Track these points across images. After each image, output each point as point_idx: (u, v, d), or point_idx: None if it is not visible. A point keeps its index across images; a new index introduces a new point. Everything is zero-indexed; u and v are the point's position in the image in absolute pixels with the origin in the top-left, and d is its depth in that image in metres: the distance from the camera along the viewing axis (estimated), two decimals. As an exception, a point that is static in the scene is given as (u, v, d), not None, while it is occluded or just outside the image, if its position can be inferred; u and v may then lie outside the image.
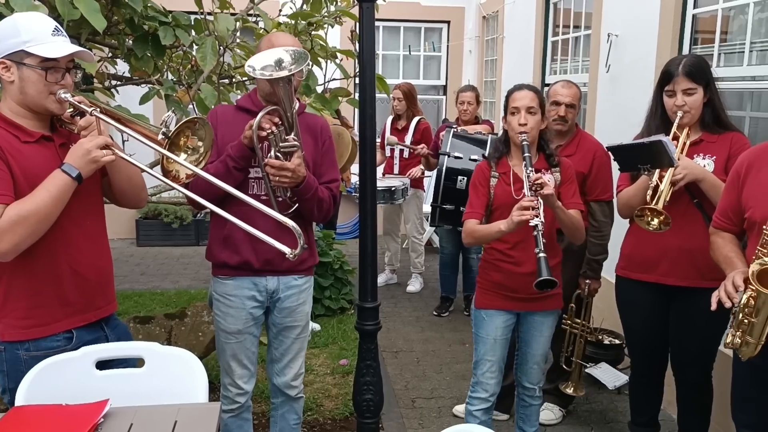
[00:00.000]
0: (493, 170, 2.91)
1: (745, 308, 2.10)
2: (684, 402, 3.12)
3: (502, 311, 2.92)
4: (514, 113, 2.82)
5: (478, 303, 2.97)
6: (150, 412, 1.87)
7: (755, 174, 2.29)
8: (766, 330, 2.09)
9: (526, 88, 2.87)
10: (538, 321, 2.97)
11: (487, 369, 2.97)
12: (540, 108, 2.84)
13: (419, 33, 8.69)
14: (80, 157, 2.01)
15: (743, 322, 2.13)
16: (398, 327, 5.28)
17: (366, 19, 2.62)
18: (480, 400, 3.00)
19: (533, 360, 3.02)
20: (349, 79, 3.59)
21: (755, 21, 3.43)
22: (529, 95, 2.82)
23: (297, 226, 2.06)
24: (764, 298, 2.04)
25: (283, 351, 2.84)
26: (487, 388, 2.98)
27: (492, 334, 2.93)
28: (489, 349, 2.95)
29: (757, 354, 2.15)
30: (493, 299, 2.93)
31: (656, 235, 2.72)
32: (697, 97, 2.78)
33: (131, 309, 5.38)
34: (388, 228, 6.34)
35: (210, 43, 2.89)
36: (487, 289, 2.95)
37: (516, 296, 2.89)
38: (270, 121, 2.49)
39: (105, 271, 2.28)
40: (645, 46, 4.15)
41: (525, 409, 3.13)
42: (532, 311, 2.93)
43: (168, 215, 7.71)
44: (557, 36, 6.04)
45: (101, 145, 2.03)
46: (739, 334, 2.15)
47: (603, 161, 3.45)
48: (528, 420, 3.14)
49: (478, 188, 2.92)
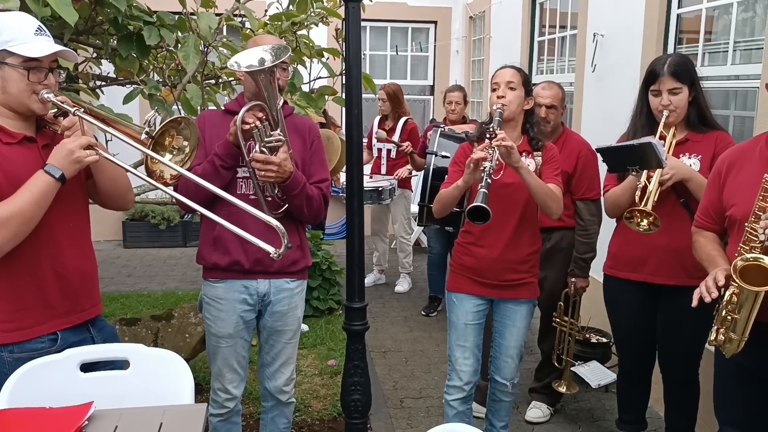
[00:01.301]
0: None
1: (729, 305, 2.12)
2: (671, 399, 3.13)
3: (473, 296, 2.92)
4: (494, 89, 2.84)
5: (449, 285, 3.00)
6: (135, 414, 1.86)
7: (736, 173, 2.31)
8: (749, 326, 2.11)
9: (509, 66, 2.89)
10: (511, 310, 2.95)
11: (460, 355, 2.96)
12: (523, 86, 2.83)
13: (406, 33, 8.70)
14: (63, 157, 1.99)
15: (726, 319, 2.15)
16: (386, 327, 5.27)
17: (352, 19, 2.62)
18: (456, 389, 2.98)
19: (506, 353, 2.99)
20: (335, 78, 3.58)
21: (739, 21, 3.46)
22: (509, 71, 2.84)
23: (281, 225, 2.05)
24: (747, 294, 2.06)
25: (275, 355, 2.82)
26: (461, 375, 2.96)
27: (462, 319, 2.93)
28: (461, 334, 2.95)
29: (740, 351, 2.16)
30: (463, 283, 2.93)
31: (643, 234, 2.74)
32: (683, 97, 2.80)
33: (118, 311, 5.35)
34: (376, 228, 6.34)
35: (192, 42, 2.87)
36: (458, 272, 2.96)
37: (487, 282, 2.89)
38: (253, 115, 2.48)
39: (89, 273, 2.25)
40: (630, 45, 4.17)
41: (495, 403, 3.12)
42: (504, 299, 2.93)
43: (155, 216, 7.66)
44: (543, 36, 6.06)
45: (84, 145, 2.01)
46: (723, 330, 2.17)
47: (588, 160, 3.46)
48: (497, 414, 3.13)
49: (458, 165, 2.88)
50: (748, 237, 2.11)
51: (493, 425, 3.15)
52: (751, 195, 2.16)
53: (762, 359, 2.22)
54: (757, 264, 2.04)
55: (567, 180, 3.48)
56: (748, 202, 2.16)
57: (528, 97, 2.87)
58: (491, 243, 2.84)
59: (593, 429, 3.70)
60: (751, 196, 2.15)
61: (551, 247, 3.56)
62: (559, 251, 3.57)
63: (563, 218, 3.50)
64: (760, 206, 2.09)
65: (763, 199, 2.09)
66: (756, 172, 2.21)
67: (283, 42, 2.81)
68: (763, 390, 2.31)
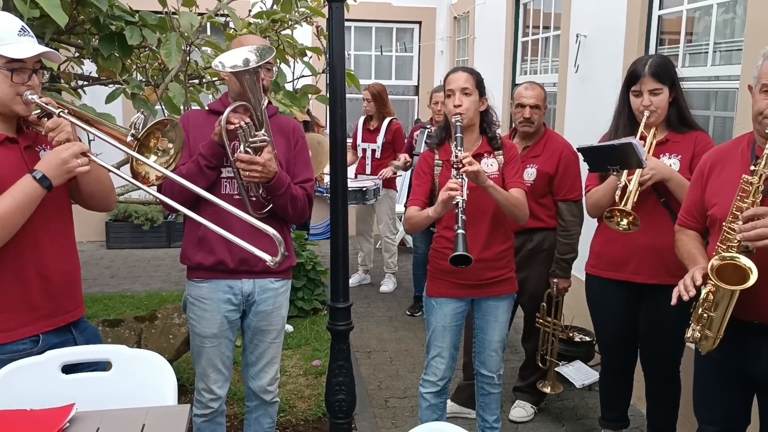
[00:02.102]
0: (436, 158, 2.92)
1: (705, 303, 2.15)
2: (653, 397, 3.16)
3: (452, 299, 2.95)
4: (449, 95, 2.85)
5: (429, 291, 3.01)
6: (117, 416, 1.85)
7: (718, 172, 2.34)
8: (724, 324, 2.13)
9: (461, 69, 2.89)
10: (492, 306, 2.99)
11: (436, 354, 3.01)
12: (477, 89, 2.84)
13: (391, 33, 8.70)
14: (56, 166, 1.97)
15: (703, 317, 2.18)
16: (371, 327, 5.28)
17: (336, 19, 2.62)
18: (430, 383, 3.05)
19: (490, 347, 3.03)
20: (317, 77, 3.58)
21: (719, 22, 3.50)
22: (463, 76, 2.84)
23: (277, 233, 2.05)
24: (723, 292, 2.08)
25: (259, 355, 2.82)
26: (436, 372, 3.03)
27: (441, 322, 2.97)
28: (438, 335, 2.99)
29: (715, 348, 2.19)
30: (442, 287, 2.95)
31: (625, 233, 2.76)
32: (663, 97, 2.83)
33: (101, 312, 5.31)
34: (361, 228, 6.34)
35: (174, 40, 2.85)
36: (436, 277, 2.97)
37: (466, 283, 2.91)
38: (238, 116, 2.48)
39: (72, 274, 2.24)
40: (612, 46, 4.20)
41: (484, 397, 3.15)
42: (485, 297, 2.95)
43: (138, 217, 7.62)
44: (527, 36, 6.09)
45: (78, 154, 1.98)
46: (699, 328, 2.20)
47: (570, 161, 3.48)
48: (488, 408, 3.16)
49: (421, 176, 2.94)
50: (725, 236, 2.15)
51: (485, 420, 3.17)
52: (730, 195, 2.18)
53: (740, 356, 2.25)
54: (733, 263, 2.07)
55: (548, 181, 3.51)
56: (729, 202, 2.19)
57: (482, 97, 2.88)
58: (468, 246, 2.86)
59: (577, 427, 3.73)
60: (731, 196, 2.18)
61: (533, 247, 3.58)
62: (541, 252, 3.59)
63: (545, 219, 3.54)
64: (737, 206, 2.12)
65: (741, 199, 2.11)
66: (737, 173, 2.24)
67: (267, 42, 2.80)
68: (742, 388, 2.35)
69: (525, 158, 3.56)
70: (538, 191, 3.49)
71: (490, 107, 2.96)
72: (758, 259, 2.05)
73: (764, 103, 2.13)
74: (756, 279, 2.00)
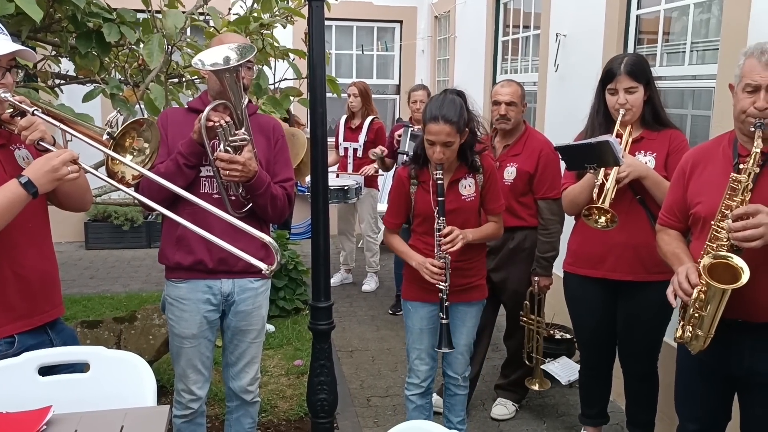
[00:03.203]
0: (413, 178, 2.93)
1: (696, 302, 2.15)
2: (631, 393, 3.20)
3: (427, 303, 2.97)
4: (432, 144, 2.75)
5: (405, 294, 3.08)
6: (95, 418, 1.83)
7: (700, 171, 2.36)
8: (715, 323, 2.14)
9: (442, 119, 2.70)
10: (461, 311, 3.02)
11: (416, 356, 3.05)
12: (459, 134, 2.75)
13: (372, 32, 8.70)
14: (44, 173, 1.93)
15: (694, 316, 2.18)
16: (353, 326, 5.27)
17: (316, 19, 2.61)
18: (414, 386, 3.09)
19: (458, 350, 3.05)
20: (301, 80, 3.56)
21: (696, 22, 3.54)
22: (445, 129, 2.70)
23: (274, 242, 2.04)
24: (714, 291, 2.09)
25: (239, 355, 2.81)
26: (418, 374, 3.06)
27: (418, 325, 3.01)
28: (416, 338, 3.04)
29: (705, 347, 2.20)
30: (417, 292, 2.98)
31: (602, 231, 2.78)
32: (639, 95, 2.85)
33: (80, 314, 5.25)
34: (343, 227, 6.34)
35: (157, 40, 2.83)
36: (412, 281, 3.00)
37: (438, 289, 2.89)
38: (218, 114, 2.46)
39: (49, 274, 2.21)
40: (592, 45, 4.23)
41: (451, 398, 3.18)
42: (455, 302, 2.96)
43: (118, 217, 7.54)
44: (508, 36, 6.12)
45: (67, 161, 1.95)
46: (690, 328, 2.20)
47: (549, 159, 3.49)
48: (453, 409, 3.18)
49: (396, 198, 2.99)
50: (714, 235, 2.15)
51: (450, 421, 3.19)
52: (714, 193, 2.20)
53: (723, 354, 2.26)
54: (725, 262, 2.08)
55: (528, 180, 3.52)
56: (712, 201, 2.20)
57: (463, 131, 2.79)
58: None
59: (558, 424, 3.75)
60: (715, 194, 2.19)
61: (514, 246, 3.60)
62: (522, 251, 3.61)
63: (526, 218, 3.55)
64: (726, 204, 2.13)
65: (729, 197, 2.13)
66: (719, 171, 2.26)
67: (248, 41, 2.79)
68: (724, 386, 2.37)
69: (505, 157, 3.57)
70: (518, 190, 3.51)
71: (474, 127, 2.87)
72: (746, 258, 2.06)
73: (747, 102, 2.15)
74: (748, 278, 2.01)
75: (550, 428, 3.71)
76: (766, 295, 2.15)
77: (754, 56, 2.13)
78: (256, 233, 2.05)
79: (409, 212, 2.98)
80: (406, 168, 2.99)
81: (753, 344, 2.23)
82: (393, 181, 3.04)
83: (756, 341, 2.23)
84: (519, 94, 3.56)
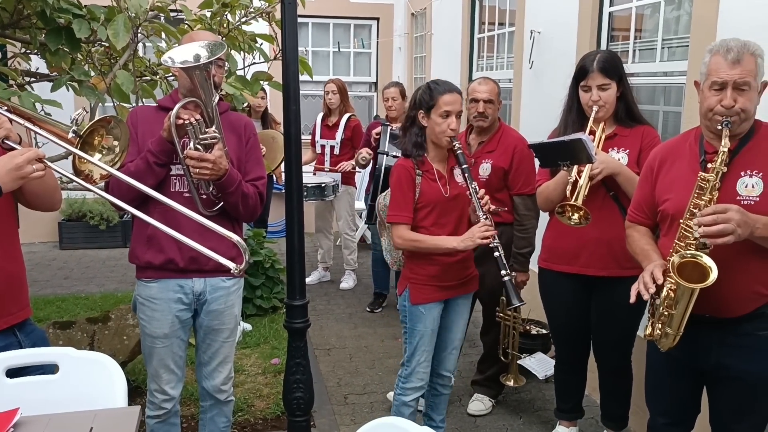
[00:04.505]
0: (416, 168, 2.88)
1: (665, 300, 2.17)
2: (605, 387, 3.23)
3: (438, 302, 2.95)
4: (447, 115, 2.79)
5: (415, 299, 2.92)
6: (64, 419, 1.81)
7: (668, 168, 2.38)
8: (684, 321, 2.17)
9: (456, 90, 2.85)
10: (461, 305, 3.03)
11: (424, 359, 2.99)
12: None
13: (348, 29, 8.68)
14: (7, 171, 1.89)
15: (663, 315, 2.20)
16: (331, 324, 5.26)
17: (288, 16, 2.60)
18: (415, 389, 3.02)
19: (452, 345, 3.05)
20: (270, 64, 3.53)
21: (667, 19, 3.57)
22: (459, 99, 2.83)
23: (242, 241, 2.03)
24: (683, 290, 2.11)
25: (212, 354, 2.79)
26: (422, 377, 3.01)
27: (430, 326, 2.95)
28: (427, 341, 2.96)
29: (675, 344, 2.23)
30: (429, 293, 2.92)
31: (576, 227, 2.80)
32: (612, 92, 2.88)
33: (53, 314, 5.18)
34: (320, 225, 6.32)
35: (122, 20, 2.76)
36: (422, 283, 2.92)
37: (449, 284, 2.94)
38: (188, 112, 2.44)
39: (16, 275, 2.17)
40: (565, 42, 4.26)
41: (436, 398, 3.17)
42: (456, 296, 2.98)
43: (93, 217, 7.45)
44: (483, 33, 6.14)
45: (32, 159, 1.91)
46: (659, 326, 2.22)
47: (523, 155, 3.51)
48: (437, 408, 3.18)
49: (405, 189, 2.85)
50: (683, 234, 2.17)
51: (433, 419, 3.18)
52: (681, 190, 2.22)
53: (691, 349, 2.30)
54: (693, 261, 2.10)
55: (503, 176, 3.54)
56: (680, 198, 2.23)
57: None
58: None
59: (534, 419, 3.77)
60: (682, 191, 2.21)
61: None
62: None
63: (502, 214, 3.55)
64: (695, 203, 2.15)
65: (698, 196, 2.14)
66: (686, 168, 2.29)
67: (219, 38, 2.76)
68: (693, 380, 2.40)
69: (480, 154, 3.59)
70: (493, 186, 3.52)
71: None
72: (714, 256, 2.08)
73: (714, 100, 2.16)
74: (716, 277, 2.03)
75: (527, 423, 3.73)
76: (733, 291, 2.18)
77: (720, 54, 2.14)
78: (225, 232, 2.03)
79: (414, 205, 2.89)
80: (407, 159, 2.89)
81: (720, 339, 2.26)
82: (393, 175, 2.91)
83: (723, 336, 2.26)
84: (496, 91, 3.59)
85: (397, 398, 3.07)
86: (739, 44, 2.13)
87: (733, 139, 2.19)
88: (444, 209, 2.87)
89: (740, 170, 2.20)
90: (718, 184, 2.13)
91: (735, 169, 2.19)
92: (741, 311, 2.22)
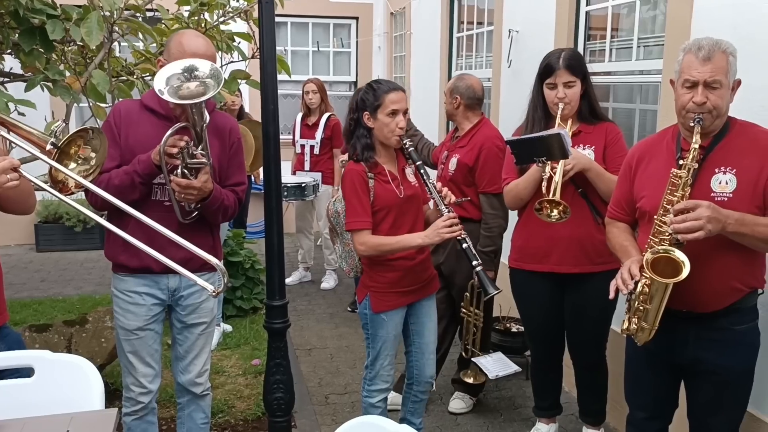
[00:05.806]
0: (368, 171, 2.80)
1: (641, 296, 2.20)
2: (582, 383, 3.26)
3: (400, 308, 2.92)
4: (394, 114, 2.75)
5: (376, 307, 2.87)
6: (40, 423, 1.79)
7: (645, 166, 2.41)
8: (659, 316, 2.20)
9: (400, 88, 2.82)
10: (426, 306, 3.01)
11: (387, 362, 2.97)
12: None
13: (328, 29, 8.67)
14: None
15: (639, 309, 2.23)
16: (312, 324, 5.25)
17: (266, 15, 2.59)
18: (382, 390, 3.01)
19: (428, 349, 3.03)
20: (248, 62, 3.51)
21: (643, 18, 3.61)
22: (404, 96, 2.81)
23: (221, 264, 2.01)
24: (657, 285, 2.14)
25: (188, 348, 2.78)
26: (387, 379, 3.00)
27: (392, 331, 2.93)
28: (390, 345, 2.94)
29: (651, 339, 2.26)
30: (391, 300, 2.88)
31: (546, 226, 2.82)
32: (577, 90, 2.91)
33: (30, 318, 5.11)
34: (301, 225, 6.30)
35: (95, 18, 2.72)
36: (383, 291, 2.87)
37: (411, 288, 2.91)
38: (178, 137, 2.42)
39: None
40: (543, 41, 4.28)
41: (416, 403, 3.14)
42: (420, 299, 2.96)
43: (70, 218, 7.36)
44: (462, 32, 6.15)
45: (7, 169, 1.89)
46: (635, 320, 2.25)
47: (490, 154, 3.48)
48: (416, 412, 3.16)
49: (361, 194, 2.76)
50: (657, 229, 2.20)
51: (412, 423, 3.16)
52: (658, 187, 2.25)
53: (669, 344, 2.33)
54: (666, 256, 2.13)
55: (468, 172, 3.52)
56: (656, 195, 2.25)
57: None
58: (413, 253, 2.86)
59: (514, 416, 3.79)
60: (658, 188, 2.24)
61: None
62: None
63: (469, 210, 3.56)
64: (668, 200, 2.18)
65: (671, 192, 2.17)
66: (663, 166, 2.31)
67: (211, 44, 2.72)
68: (670, 374, 2.44)
69: (453, 148, 3.61)
70: (458, 182, 3.51)
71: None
72: (687, 251, 2.11)
73: (687, 97, 2.19)
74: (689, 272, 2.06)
75: (507, 420, 3.75)
76: (708, 286, 2.22)
77: (692, 52, 2.18)
78: (205, 255, 1.99)
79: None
80: (358, 164, 2.81)
81: (697, 333, 2.30)
82: (346, 181, 2.82)
83: (699, 330, 2.29)
84: (449, 87, 3.64)
85: (365, 401, 3.05)
86: (710, 42, 2.17)
87: (706, 137, 2.22)
88: (400, 210, 2.82)
89: (714, 167, 2.23)
90: (690, 180, 2.16)
91: (709, 166, 2.23)
92: (717, 306, 2.26)
